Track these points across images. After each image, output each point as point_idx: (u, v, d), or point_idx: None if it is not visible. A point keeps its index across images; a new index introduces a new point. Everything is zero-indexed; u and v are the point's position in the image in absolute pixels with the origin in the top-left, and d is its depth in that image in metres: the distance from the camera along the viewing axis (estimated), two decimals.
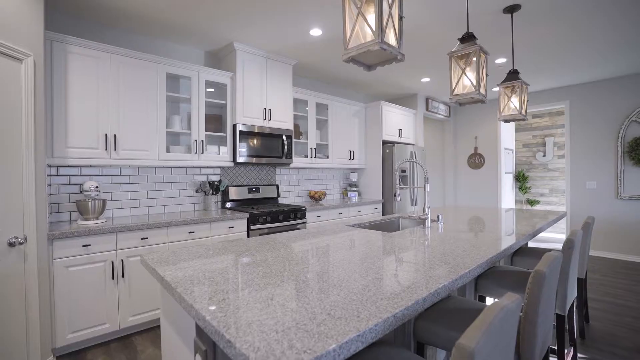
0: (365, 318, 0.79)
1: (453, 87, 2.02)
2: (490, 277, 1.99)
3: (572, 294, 1.90)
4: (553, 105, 5.25)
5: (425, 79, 4.72)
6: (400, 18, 1.26)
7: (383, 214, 4.83)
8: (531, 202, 6.62)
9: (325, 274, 1.15)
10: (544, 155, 6.55)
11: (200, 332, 0.93)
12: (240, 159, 3.34)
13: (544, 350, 1.31)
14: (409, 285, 1.02)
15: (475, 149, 6.14)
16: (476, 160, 6.13)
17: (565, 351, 2.25)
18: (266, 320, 0.78)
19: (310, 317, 0.80)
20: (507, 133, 6.21)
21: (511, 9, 2.65)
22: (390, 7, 1.22)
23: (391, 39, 1.23)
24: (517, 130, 6.95)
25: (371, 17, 1.21)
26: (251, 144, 3.43)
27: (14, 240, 1.83)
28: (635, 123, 4.47)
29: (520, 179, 6.70)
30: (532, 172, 6.75)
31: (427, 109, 5.69)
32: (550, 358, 2.20)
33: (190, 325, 1.06)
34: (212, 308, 0.85)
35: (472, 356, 0.66)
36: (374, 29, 1.18)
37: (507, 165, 6.21)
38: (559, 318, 1.79)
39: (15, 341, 1.85)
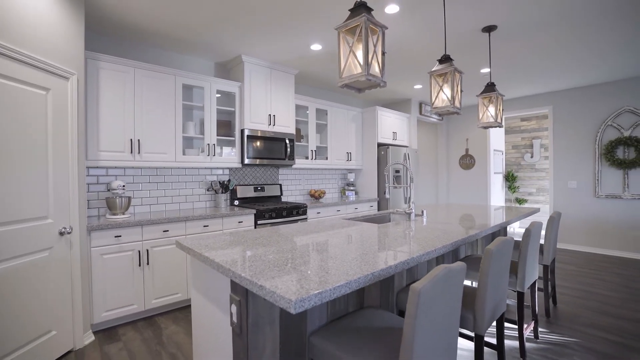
0: (352, 274, 1.14)
1: (433, 101, 2.37)
2: (466, 263, 2.36)
3: (532, 276, 2.26)
4: (538, 109, 5.61)
5: (418, 86, 5.07)
6: (383, 53, 1.61)
7: (378, 211, 5.18)
8: (520, 201, 6.98)
9: (324, 251, 1.50)
10: (532, 157, 6.91)
11: (234, 287, 1.28)
12: (247, 161, 3.69)
13: (496, 313, 1.66)
14: (386, 258, 1.37)
15: (467, 150, 6.50)
16: (467, 161, 6.49)
17: (525, 325, 2.60)
18: (283, 276, 1.13)
19: (314, 273, 1.15)
20: (497, 135, 6.57)
21: (488, 29, 3.01)
22: (375, 45, 1.58)
23: (375, 70, 1.58)
24: (506, 132, 7.32)
25: (360, 53, 1.56)
26: (257, 146, 3.79)
27: (63, 230, 2.18)
28: (611, 127, 4.84)
29: (510, 178, 7.06)
30: (521, 172, 7.11)
31: (420, 112, 6.05)
32: (513, 328, 2.56)
33: (224, 287, 1.40)
34: (245, 269, 1.21)
35: (419, 294, 1.01)
36: (361, 63, 1.53)
37: (497, 165, 6.57)
38: (520, 295, 2.15)
39: (63, 317, 2.20)
